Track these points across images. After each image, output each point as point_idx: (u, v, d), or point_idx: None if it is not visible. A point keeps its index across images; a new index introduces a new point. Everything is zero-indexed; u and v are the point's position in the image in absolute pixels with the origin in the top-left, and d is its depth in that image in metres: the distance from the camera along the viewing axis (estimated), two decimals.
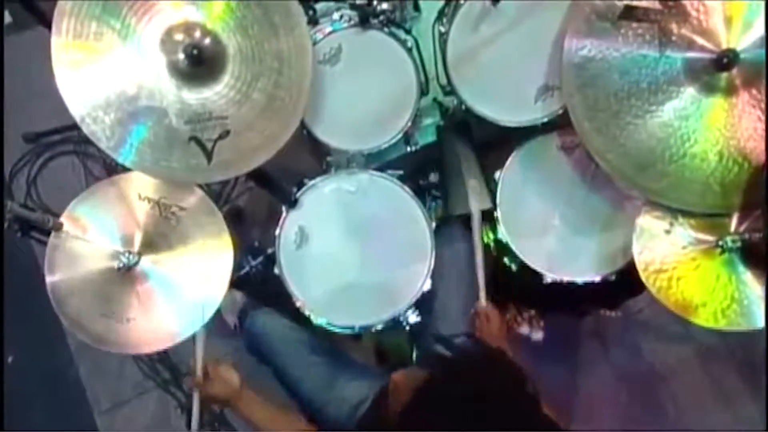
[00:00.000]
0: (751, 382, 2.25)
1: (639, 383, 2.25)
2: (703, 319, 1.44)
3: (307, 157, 1.81)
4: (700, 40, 1.32)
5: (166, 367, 2.12)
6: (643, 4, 1.33)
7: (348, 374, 1.60)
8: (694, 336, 2.21)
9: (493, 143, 1.72)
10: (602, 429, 2.17)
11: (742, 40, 1.31)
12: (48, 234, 1.39)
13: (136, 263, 1.40)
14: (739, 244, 1.41)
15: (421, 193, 1.67)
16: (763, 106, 1.34)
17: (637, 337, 2.26)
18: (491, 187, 1.65)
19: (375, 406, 1.47)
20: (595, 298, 1.77)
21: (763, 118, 1.34)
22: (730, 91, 1.32)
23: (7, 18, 2.47)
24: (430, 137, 1.73)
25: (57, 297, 1.39)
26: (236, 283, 1.63)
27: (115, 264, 1.38)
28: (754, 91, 1.33)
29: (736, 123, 1.34)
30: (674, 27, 1.32)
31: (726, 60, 1.28)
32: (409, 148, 1.69)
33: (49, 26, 1.24)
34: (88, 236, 1.39)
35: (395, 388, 1.17)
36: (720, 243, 1.42)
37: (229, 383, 1.40)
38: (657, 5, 1.32)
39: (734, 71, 1.29)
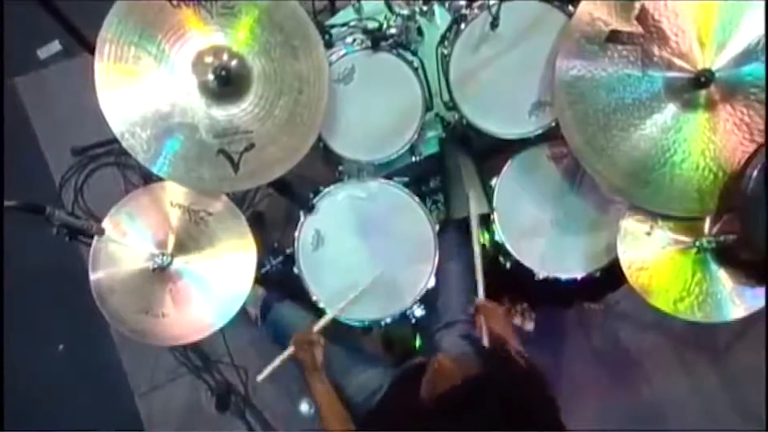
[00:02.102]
0: (716, 364, 2.20)
1: (617, 367, 2.20)
2: (682, 312, 1.40)
3: (321, 167, 1.76)
4: (678, 62, 1.28)
5: (198, 355, 2.07)
6: (627, 28, 1.28)
7: (363, 363, 1.55)
8: (665, 325, 2.16)
9: (490, 153, 1.68)
10: (585, 407, 2.11)
11: (717, 60, 1.27)
12: (92, 238, 1.35)
13: (170, 264, 1.36)
14: (713, 245, 1.37)
15: (423, 198, 1.62)
16: (736, 120, 1.29)
17: (615, 326, 2.21)
18: (488, 193, 1.60)
19: (391, 393, 1.41)
20: (580, 292, 1.72)
21: (736, 131, 1.29)
22: (709, 106, 1.28)
23: (58, 46, 2.43)
24: (433, 148, 1.68)
25: (99, 294, 1.36)
26: (258, 279, 1.58)
27: (151, 264, 1.35)
28: (728, 107, 1.28)
29: (712, 135, 1.30)
30: (655, 49, 1.28)
31: (703, 79, 1.24)
32: (413, 158, 1.64)
33: (94, 53, 1.21)
34: (127, 240, 1.36)
35: (441, 369, 1.11)
36: (696, 244, 1.38)
37: (315, 359, 1.38)
38: (640, 30, 1.28)
39: (712, 88, 1.25)
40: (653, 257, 1.40)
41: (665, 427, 2.15)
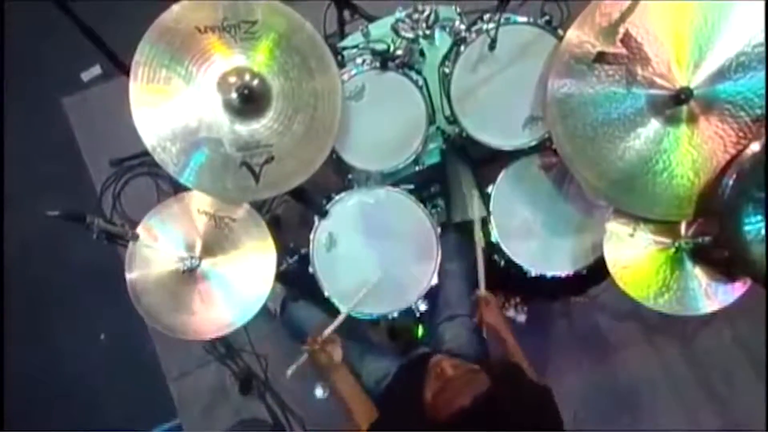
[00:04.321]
0: (684, 349, 2.16)
1: (597, 353, 2.15)
2: (662, 306, 1.35)
3: (332, 175, 1.70)
4: (659, 80, 1.21)
5: (223, 344, 2.02)
6: (613, 50, 1.22)
7: (372, 354, 1.49)
8: (641, 314, 2.12)
9: (486, 162, 1.62)
10: (569, 388, 2.06)
11: (693, 79, 1.20)
12: (128, 242, 1.29)
13: (198, 266, 1.31)
14: (691, 245, 1.31)
15: (423, 202, 1.56)
16: (711, 134, 1.23)
17: (596, 316, 2.16)
18: (485, 199, 1.54)
19: (395, 381, 1.35)
20: (567, 287, 1.65)
21: (711, 144, 1.23)
22: (688, 121, 1.22)
23: (98, 70, 2.40)
24: (435, 158, 1.62)
25: (135, 294, 1.31)
26: (276, 277, 1.52)
27: (181, 267, 1.29)
28: (705, 122, 1.22)
29: (690, 148, 1.24)
30: (639, 69, 1.22)
31: (683, 96, 1.18)
32: (417, 167, 1.58)
33: (129, 75, 1.17)
34: (159, 244, 1.30)
35: (442, 375, 1.00)
36: (676, 244, 1.32)
37: (332, 358, 1.30)
38: (624, 51, 1.21)
39: (691, 104, 1.19)
40: (636, 257, 1.35)
41: (639, 404, 2.12)
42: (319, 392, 1.77)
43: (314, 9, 1.54)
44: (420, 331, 1.72)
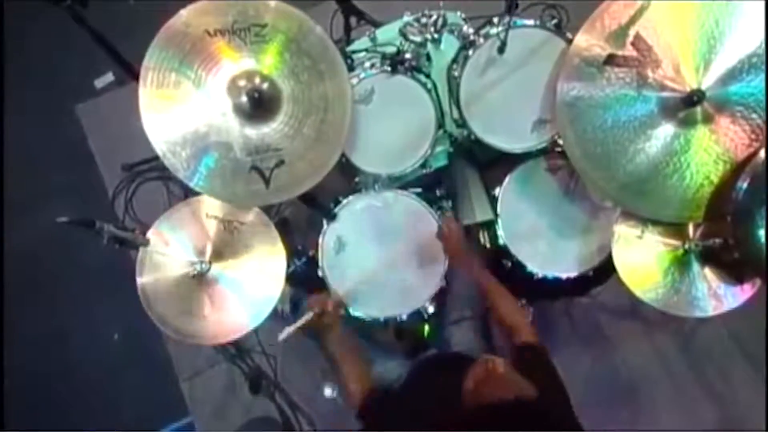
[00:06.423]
0: (682, 346, 2.09)
1: (598, 350, 2.08)
2: (670, 308, 1.29)
3: (339, 178, 1.63)
4: (670, 83, 1.15)
5: (233, 345, 1.94)
6: (623, 52, 1.15)
7: (380, 355, 1.43)
8: (640, 312, 2.06)
9: (493, 164, 1.56)
10: (571, 384, 1.96)
11: (704, 81, 1.14)
12: (138, 248, 1.23)
13: (208, 270, 1.25)
14: (700, 248, 1.25)
15: (430, 205, 1.49)
16: (721, 137, 1.16)
17: (597, 314, 2.09)
18: (492, 201, 1.48)
19: (412, 381, 1.28)
20: (572, 288, 1.59)
21: (722, 147, 1.16)
22: (700, 122, 1.15)
23: (111, 77, 2.35)
24: (442, 161, 1.55)
25: (146, 298, 1.25)
26: (285, 278, 1.46)
27: (191, 271, 1.23)
28: (715, 125, 1.15)
29: (700, 151, 1.18)
30: (649, 72, 1.16)
31: (696, 98, 1.11)
32: (424, 170, 1.51)
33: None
34: (169, 249, 1.24)
35: (493, 372, 0.92)
36: (685, 247, 1.26)
37: (336, 319, 1.23)
38: (635, 54, 1.15)
39: (702, 107, 1.12)
40: (644, 259, 1.29)
41: (638, 399, 2.05)
42: (328, 392, 1.71)
43: (320, 15, 1.47)
44: (426, 329, 1.65)
